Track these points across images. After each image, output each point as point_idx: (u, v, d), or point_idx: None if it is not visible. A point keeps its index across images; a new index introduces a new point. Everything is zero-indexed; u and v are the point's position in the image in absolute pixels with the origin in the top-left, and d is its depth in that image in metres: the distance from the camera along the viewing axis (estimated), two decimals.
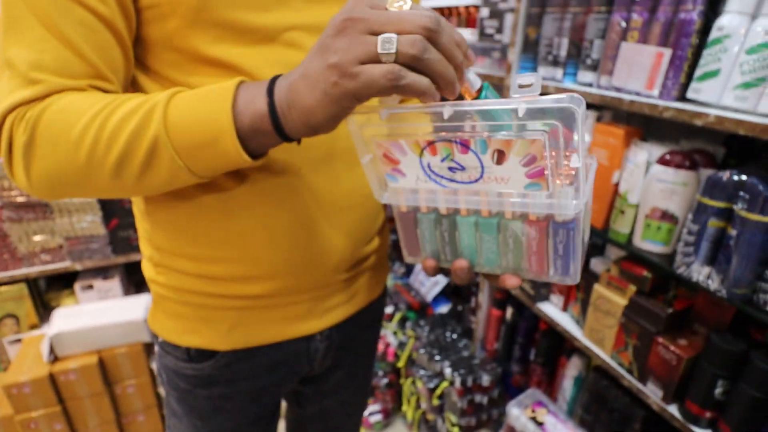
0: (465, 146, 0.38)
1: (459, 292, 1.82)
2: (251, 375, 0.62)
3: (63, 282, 1.67)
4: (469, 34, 1.35)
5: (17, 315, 1.51)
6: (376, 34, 0.34)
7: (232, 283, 0.55)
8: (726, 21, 0.76)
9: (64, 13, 0.41)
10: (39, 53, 0.41)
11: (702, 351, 0.87)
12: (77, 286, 1.56)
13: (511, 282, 0.43)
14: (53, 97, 0.42)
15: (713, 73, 0.78)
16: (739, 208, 0.75)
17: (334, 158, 0.54)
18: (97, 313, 1.44)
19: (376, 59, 0.34)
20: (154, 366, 1.15)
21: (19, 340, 1.52)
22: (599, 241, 1.20)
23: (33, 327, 1.54)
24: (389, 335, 1.79)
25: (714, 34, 0.77)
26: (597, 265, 1.13)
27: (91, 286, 1.58)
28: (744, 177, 0.75)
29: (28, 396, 1.34)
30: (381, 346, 1.74)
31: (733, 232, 0.77)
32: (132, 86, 0.50)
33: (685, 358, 0.88)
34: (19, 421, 1.36)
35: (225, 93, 0.40)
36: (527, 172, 0.37)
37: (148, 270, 0.60)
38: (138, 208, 0.58)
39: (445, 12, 1.48)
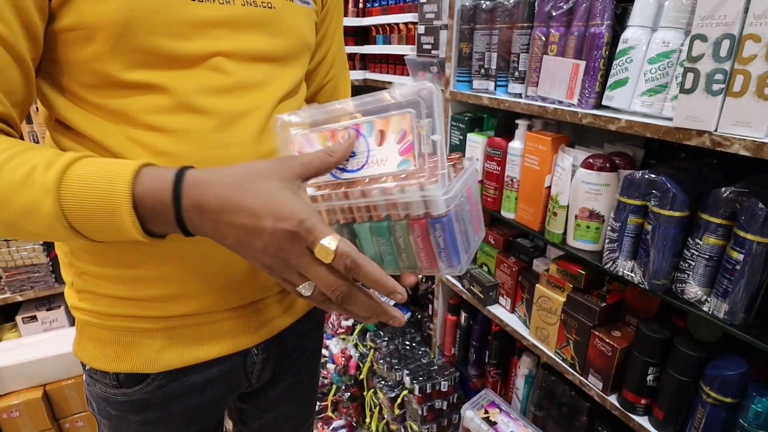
0: (358, 131, 0.44)
1: (417, 301, 1.85)
2: (185, 395, 0.61)
3: (3, 314, 1.59)
4: (409, 50, 1.40)
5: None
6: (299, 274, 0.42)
7: (159, 303, 0.55)
8: (630, 34, 0.83)
9: None
10: None
11: (633, 341, 0.93)
12: (19, 318, 1.50)
13: (409, 280, 0.46)
14: None
15: (622, 82, 0.84)
16: (651, 204, 0.81)
17: None
18: (41, 345, 1.38)
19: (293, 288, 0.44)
20: None
21: None
22: (540, 242, 1.25)
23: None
24: (350, 348, 1.79)
25: (620, 46, 0.84)
26: (538, 265, 1.18)
27: (34, 317, 1.51)
28: (654, 176, 0.81)
29: (18, 420, 1.27)
30: (342, 360, 1.75)
31: (648, 227, 0.83)
32: (44, 103, 0.50)
33: (619, 348, 0.93)
34: None
35: (123, 173, 0.40)
36: (400, 149, 0.43)
37: (70, 297, 0.59)
38: None
39: (387, 29, 1.53)
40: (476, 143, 1.21)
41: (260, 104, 0.54)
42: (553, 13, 0.94)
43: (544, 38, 0.97)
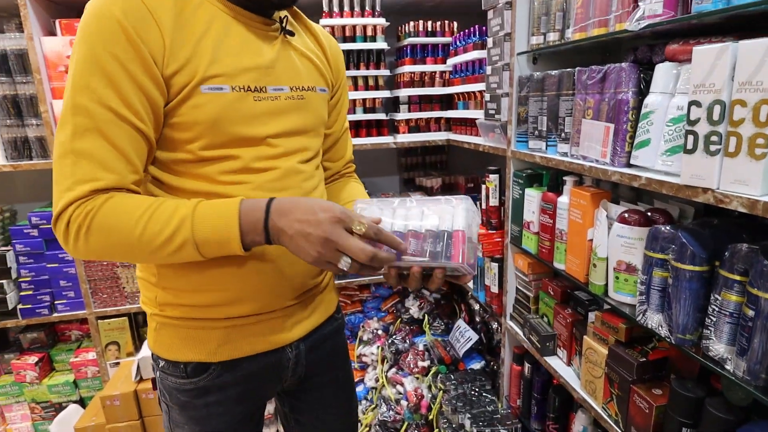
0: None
1: (492, 350, 1.88)
2: (237, 383, 0.82)
3: None
4: (481, 114, 1.56)
5: (119, 342, 1.88)
6: (340, 250, 0.64)
7: (222, 307, 0.77)
8: (651, 99, 0.89)
9: (119, 131, 0.64)
10: (101, 157, 0.64)
11: (668, 399, 0.91)
12: None
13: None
14: (104, 197, 0.63)
15: (645, 143, 0.90)
16: (671, 258, 0.84)
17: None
18: None
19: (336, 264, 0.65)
20: None
21: (118, 363, 1.89)
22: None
23: (129, 354, 1.91)
24: (424, 388, 1.88)
25: (643, 110, 0.91)
26: (591, 317, 1.19)
27: None
28: (673, 230, 0.84)
29: (117, 408, 1.66)
30: (414, 398, 1.84)
31: (671, 281, 0.84)
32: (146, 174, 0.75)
33: (656, 406, 0.92)
34: (109, 429, 1.67)
35: (232, 215, 0.66)
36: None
37: (151, 307, 0.82)
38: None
39: (466, 96, 1.72)
40: (532, 197, 1.30)
41: (299, 163, 0.80)
42: (588, 82, 1.04)
43: (582, 103, 1.07)
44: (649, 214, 0.97)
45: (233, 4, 0.73)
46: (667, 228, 0.85)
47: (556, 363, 1.30)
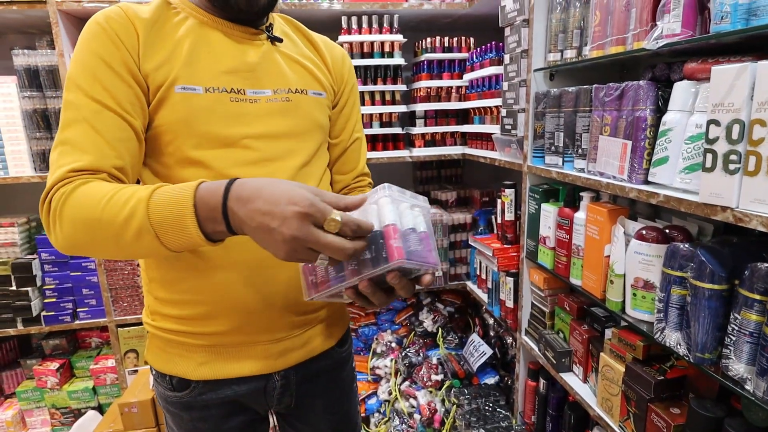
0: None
1: (506, 365, 1.87)
2: (220, 403, 0.82)
3: None
4: (497, 129, 1.58)
5: (138, 350, 1.91)
6: (312, 249, 0.56)
7: (200, 321, 0.77)
8: (669, 117, 0.90)
9: (102, 117, 0.66)
10: (81, 142, 0.66)
11: (686, 419, 0.90)
12: None
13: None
14: (80, 180, 0.63)
15: (663, 160, 0.91)
16: (689, 275, 0.83)
17: None
18: None
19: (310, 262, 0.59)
20: None
21: (136, 371, 1.92)
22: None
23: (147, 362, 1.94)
24: (437, 402, 1.87)
25: (661, 127, 0.91)
26: (608, 333, 1.19)
27: None
28: (692, 248, 0.84)
29: (134, 415, 1.69)
30: (427, 412, 1.83)
31: (689, 299, 0.84)
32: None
33: (673, 425, 0.91)
34: None
35: (187, 198, 0.58)
36: None
37: (145, 316, 0.84)
38: (144, 270, 0.83)
39: (482, 111, 1.73)
40: (549, 213, 1.30)
41: (280, 172, 0.77)
42: (606, 99, 1.05)
43: (599, 120, 1.07)
44: (667, 231, 0.97)
45: (215, 17, 0.77)
46: (686, 246, 0.85)
47: (572, 380, 1.29)
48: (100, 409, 1.96)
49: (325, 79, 0.88)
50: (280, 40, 0.83)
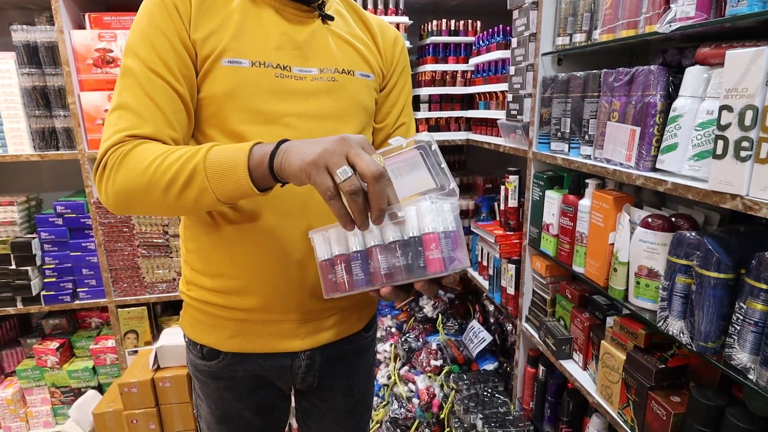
0: None
1: (506, 352, 1.87)
2: (247, 375, 0.84)
3: (174, 308, 2.09)
4: (503, 115, 1.56)
5: (138, 331, 1.92)
6: (349, 157, 0.56)
7: (232, 295, 0.78)
8: (679, 103, 0.88)
9: (158, 88, 0.68)
10: (140, 110, 0.67)
11: (687, 406, 0.90)
12: None
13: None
14: (138, 141, 0.66)
15: (672, 147, 0.89)
16: (695, 264, 0.83)
17: (307, 210, 0.77)
18: None
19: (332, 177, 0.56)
20: None
21: (136, 351, 1.92)
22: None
23: (147, 343, 1.94)
24: (436, 387, 1.88)
25: (671, 113, 0.89)
26: (610, 323, 1.18)
27: None
28: (699, 236, 0.83)
29: (134, 395, 1.70)
30: (426, 396, 1.84)
31: (694, 288, 0.83)
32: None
33: (673, 413, 0.91)
34: (126, 416, 1.71)
35: (245, 146, 0.62)
36: None
37: (182, 285, 0.86)
38: (183, 241, 0.85)
39: (487, 96, 1.71)
40: (553, 200, 1.29)
41: None
42: (615, 84, 1.03)
43: (608, 106, 1.06)
44: (673, 219, 0.96)
45: None
46: (693, 234, 0.84)
47: (572, 367, 1.29)
48: (100, 388, 1.98)
49: (374, 61, 0.86)
50: (332, 18, 0.81)
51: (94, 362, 1.95)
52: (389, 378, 2.00)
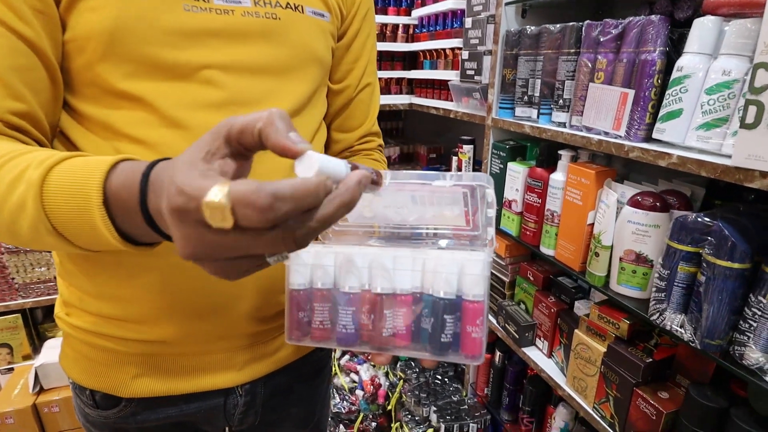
0: None
1: None
2: (160, 425, 0.60)
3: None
4: (454, 75, 1.37)
5: (11, 345, 1.54)
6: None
7: (135, 324, 0.54)
8: (685, 61, 0.74)
9: None
10: None
11: (681, 406, 0.81)
12: None
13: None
14: None
15: (675, 114, 0.76)
16: (706, 252, 0.71)
17: None
18: None
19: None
20: None
21: (11, 369, 1.55)
22: (584, 283, 1.15)
23: (26, 357, 1.57)
24: (381, 376, 1.74)
25: (674, 74, 0.76)
26: (580, 308, 1.08)
27: None
28: (710, 220, 0.71)
29: (11, 427, 1.35)
30: (371, 388, 1.70)
31: (702, 278, 0.73)
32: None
33: (665, 413, 0.82)
34: None
35: (102, 163, 0.37)
36: None
37: (58, 308, 0.60)
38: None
39: (434, 54, 1.51)
40: (517, 173, 1.14)
41: None
42: (601, 39, 0.87)
43: (590, 65, 0.90)
44: (666, 197, 0.84)
45: None
46: (702, 217, 0.72)
47: (535, 354, 1.19)
48: None
49: None
50: None
51: None
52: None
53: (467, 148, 1.34)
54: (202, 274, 0.52)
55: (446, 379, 1.59)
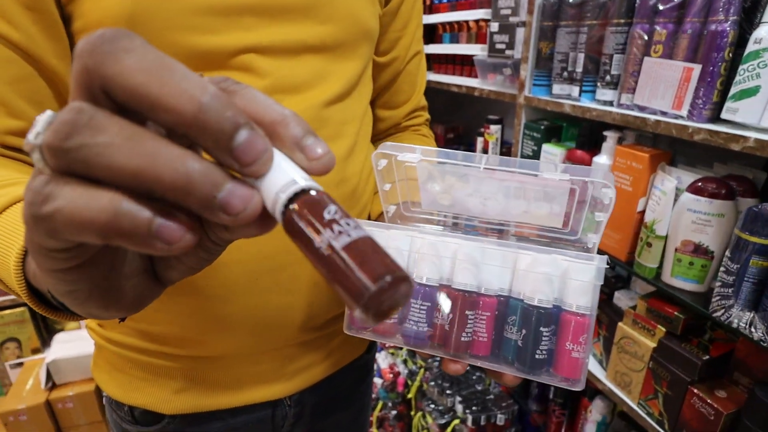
0: None
1: None
2: None
3: None
4: (479, 50, 1.28)
5: (20, 339, 1.49)
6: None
7: (177, 341, 0.49)
8: (764, 32, 0.66)
9: None
10: None
11: (744, 406, 0.76)
12: None
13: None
14: None
15: (751, 91, 0.68)
16: None
17: None
18: None
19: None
20: None
21: (21, 364, 1.50)
22: (623, 272, 1.09)
23: (35, 351, 1.52)
24: (399, 364, 1.70)
25: (750, 47, 0.68)
26: (620, 299, 1.03)
27: None
28: None
29: (24, 424, 1.31)
30: (390, 376, 1.66)
31: None
32: None
33: (725, 414, 0.77)
34: None
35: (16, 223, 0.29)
36: None
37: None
38: None
39: (456, 27, 1.41)
40: (553, 156, 1.07)
41: (307, 108, 0.45)
42: (660, 7, 0.78)
43: (646, 37, 0.82)
44: (730, 183, 0.77)
45: None
46: None
47: None
48: None
49: None
50: None
51: None
52: None
53: (494, 129, 1.25)
54: (255, 291, 0.46)
55: (468, 367, 1.54)
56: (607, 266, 0.37)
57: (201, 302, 0.46)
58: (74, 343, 1.37)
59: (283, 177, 0.18)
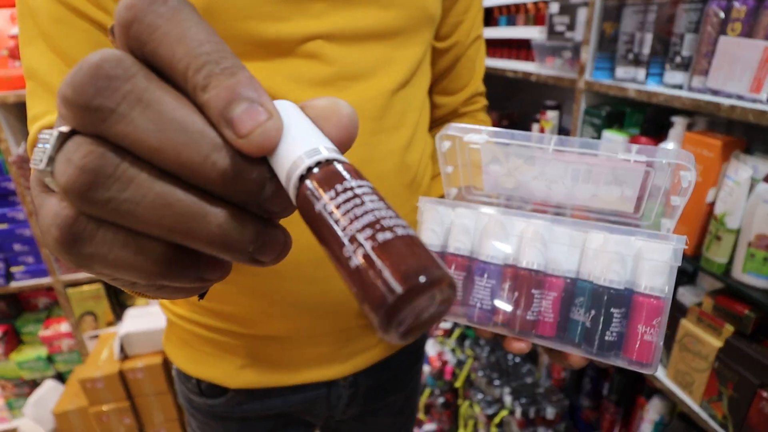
0: None
1: None
2: (264, 417, 0.58)
3: None
4: (537, 33, 1.23)
5: (95, 312, 1.62)
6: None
7: (242, 319, 0.51)
8: None
9: (75, 32, 0.38)
10: (53, 79, 0.38)
11: None
12: None
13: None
14: None
15: None
16: None
17: None
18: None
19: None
20: None
21: (97, 336, 1.64)
22: (689, 267, 1.03)
23: (110, 324, 1.65)
24: (447, 352, 1.70)
25: None
26: (684, 294, 0.97)
27: None
28: None
29: (100, 391, 1.43)
30: (438, 363, 1.67)
31: None
32: None
33: None
34: (93, 413, 1.45)
35: None
36: None
37: None
38: None
39: (513, 9, 1.36)
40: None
41: (372, 96, 0.46)
42: None
43: (722, 14, 0.76)
44: None
45: None
46: None
47: None
48: (61, 377, 1.70)
49: None
50: None
51: (48, 350, 1.66)
52: None
53: (551, 115, 1.21)
54: (318, 275, 0.48)
55: (517, 360, 1.52)
56: (686, 246, 0.34)
57: (267, 284, 0.48)
58: (144, 318, 1.48)
59: (299, 148, 0.15)
